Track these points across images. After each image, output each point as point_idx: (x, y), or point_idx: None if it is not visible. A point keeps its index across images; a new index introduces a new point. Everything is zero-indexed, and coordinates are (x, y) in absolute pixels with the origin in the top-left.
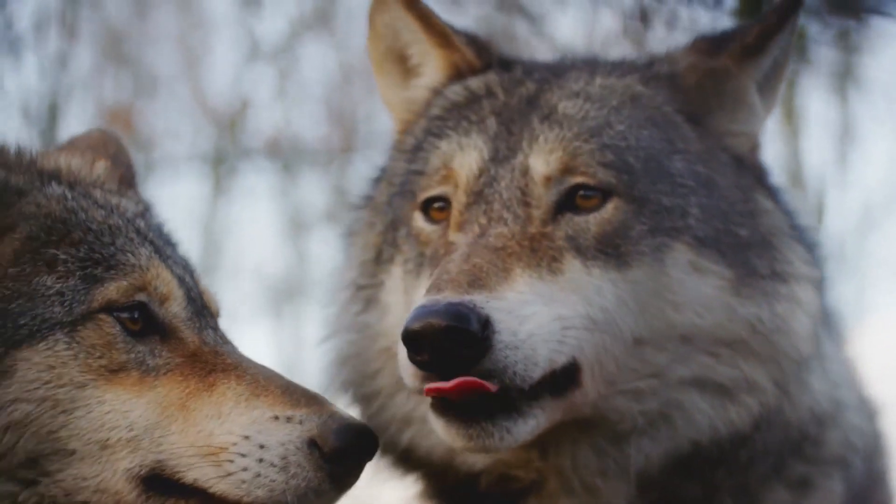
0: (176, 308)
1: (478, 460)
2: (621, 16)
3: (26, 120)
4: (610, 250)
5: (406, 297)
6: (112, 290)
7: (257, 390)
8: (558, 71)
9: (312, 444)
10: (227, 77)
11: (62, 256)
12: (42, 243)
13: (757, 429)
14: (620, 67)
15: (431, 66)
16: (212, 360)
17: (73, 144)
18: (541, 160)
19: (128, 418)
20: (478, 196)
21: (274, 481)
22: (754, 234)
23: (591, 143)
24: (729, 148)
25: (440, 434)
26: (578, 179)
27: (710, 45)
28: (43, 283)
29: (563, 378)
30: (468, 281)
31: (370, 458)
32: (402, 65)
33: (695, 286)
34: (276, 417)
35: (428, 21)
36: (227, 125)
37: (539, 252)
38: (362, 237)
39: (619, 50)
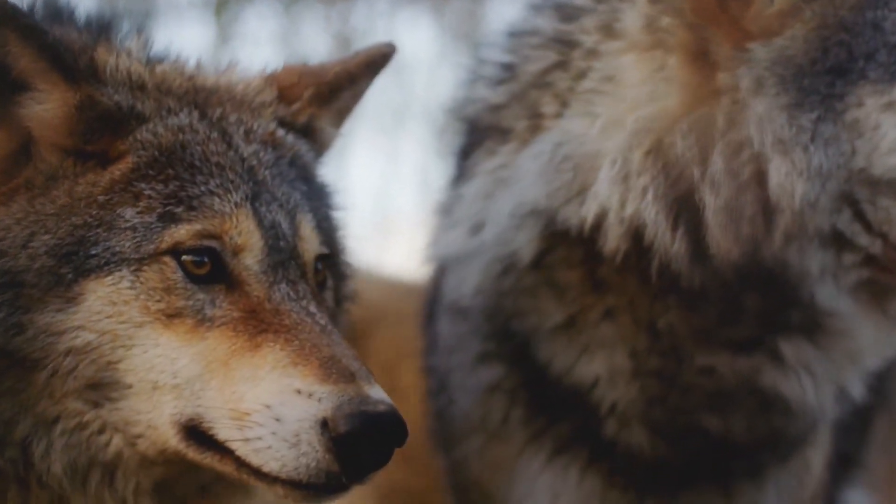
0: (250, 260)
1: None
2: None
3: None
4: None
5: None
6: (182, 232)
7: (298, 359)
8: None
9: (325, 424)
10: None
11: (147, 191)
12: (139, 175)
13: None
14: None
15: None
16: (268, 319)
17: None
18: None
19: (174, 365)
20: None
21: (284, 456)
22: None
23: None
24: None
25: None
26: None
27: None
28: (123, 214)
29: None
30: None
31: (389, 448)
32: None
33: None
34: (300, 391)
35: None
36: None
37: None
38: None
39: None
